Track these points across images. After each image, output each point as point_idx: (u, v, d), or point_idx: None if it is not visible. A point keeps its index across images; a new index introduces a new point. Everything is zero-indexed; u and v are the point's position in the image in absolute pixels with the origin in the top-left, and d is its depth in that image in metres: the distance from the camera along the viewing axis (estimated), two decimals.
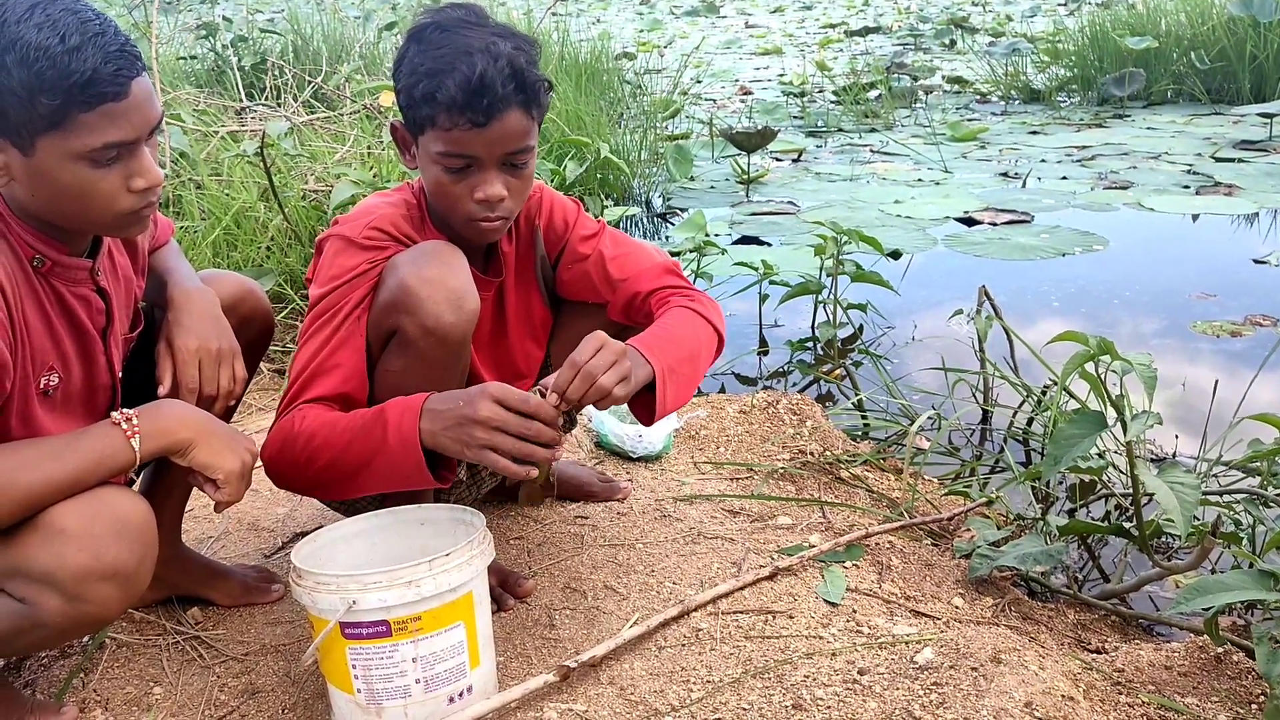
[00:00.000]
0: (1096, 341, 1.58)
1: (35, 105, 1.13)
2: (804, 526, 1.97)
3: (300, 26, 5.88)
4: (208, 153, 3.56)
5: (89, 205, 1.22)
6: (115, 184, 1.22)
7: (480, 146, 1.46)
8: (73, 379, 1.34)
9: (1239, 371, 2.82)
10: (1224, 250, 4.06)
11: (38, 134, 1.16)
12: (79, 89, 1.14)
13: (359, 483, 1.46)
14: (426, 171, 1.52)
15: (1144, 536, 1.69)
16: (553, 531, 1.95)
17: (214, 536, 1.99)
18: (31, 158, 1.17)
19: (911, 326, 3.32)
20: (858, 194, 5.06)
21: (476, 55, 1.41)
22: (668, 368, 1.49)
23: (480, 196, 1.48)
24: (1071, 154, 5.88)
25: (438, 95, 1.41)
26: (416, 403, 1.41)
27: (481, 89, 1.40)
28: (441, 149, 1.46)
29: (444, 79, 1.41)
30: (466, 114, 1.42)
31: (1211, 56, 7.22)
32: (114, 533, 1.20)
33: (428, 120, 1.45)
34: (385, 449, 1.41)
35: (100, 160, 1.19)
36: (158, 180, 1.25)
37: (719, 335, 1.66)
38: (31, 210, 1.24)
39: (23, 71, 1.12)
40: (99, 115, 1.16)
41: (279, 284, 3.04)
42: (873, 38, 13.33)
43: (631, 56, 9.11)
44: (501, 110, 1.43)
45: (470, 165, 1.47)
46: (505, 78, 1.42)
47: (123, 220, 1.26)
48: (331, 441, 1.43)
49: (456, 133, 1.44)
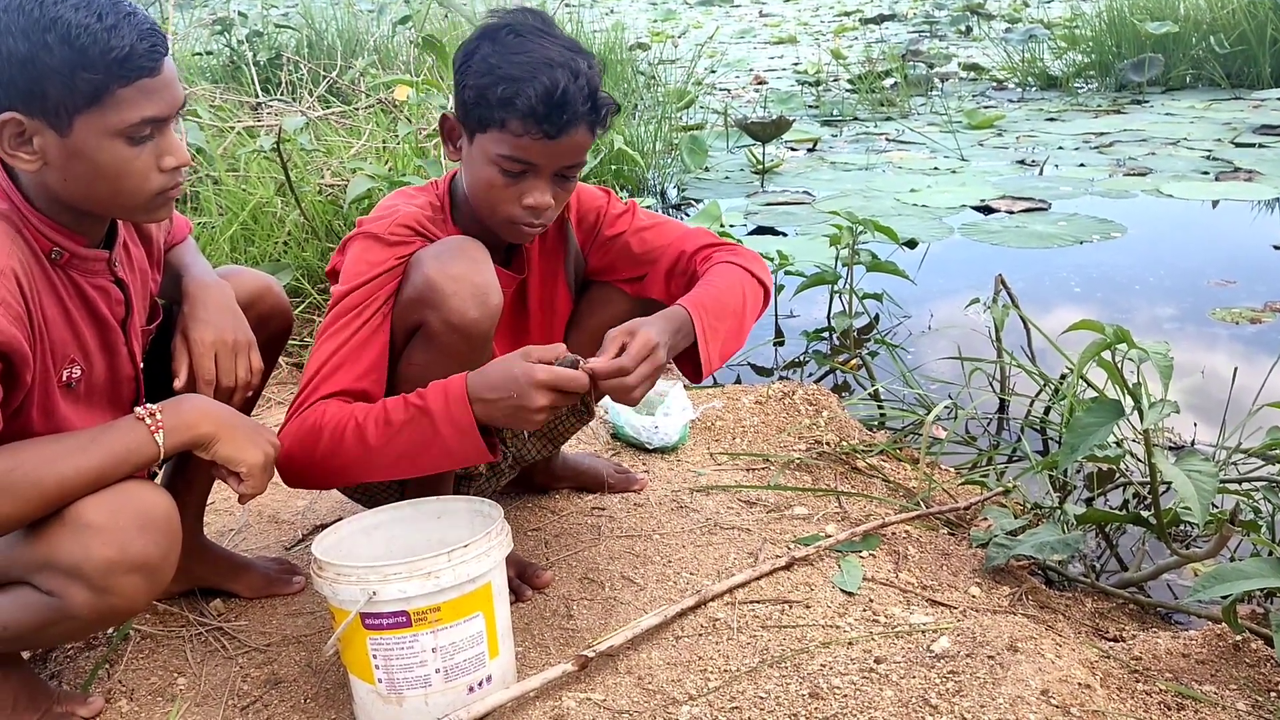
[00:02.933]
0: (1113, 330, 1.58)
1: (76, 82, 1.16)
2: (820, 517, 1.97)
3: (314, 21, 5.90)
4: (224, 148, 3.58)
5: (122, 185, 1.24)
6: (148, 163, 1.25)
7: (543, 156, 1.48)
8: (95, 371, 1.36)
9: (1258, 359, 2.80)
10: (1244, 236, 4.03)
11: (77, 112, 1.18)
12: (118, 64, 1.17)
13: (403, 473, 1.48)
14: (477, 168, 1.53)
15: (1162, 525, 1.69)
16: (570, 523, 1.96)
17: (235, 529, 2.01)
18: (68, 138, 1.19)
19: (928, 316, 3.31)
20: (873, 183, 5.05)
21: (558, 69, 1.44)
22: (710, 327, 1.53)
23: (530, 203, 1.51)
24: (1089, 141, 5.84)
25: (516, 101, 1.43)
26: (459, 390, 1.41)
27: (563, 103, 1.43)
28: (505, 152, 1.48)
29: (524, 86, 1.43)
30: (542, 125, 1.44)
31: (1231, 40, 7.15)
32: (139, 526, 1.22)
33: (495, 122, 1.47)
34: (438, 439, 1.41)
35: (135, 137, 1.22)
36: (186, 159, 1.29)
37: (765, 287, 1.69)
38: (61, 196, 1.25)
39: (65, 49, 1.15)
40: (136, 90, 1.20)
41: (296, 278, 3.05)
42: (888, 25, 13.25)
43: (645, 47, 9.09)
44: (574, 127, 1.46)
45: (526, 172, 1.50)
46: (584, 96, 1.46)
47: (152, 202, 1.28)
48: (365, 434, 1.43)
49: (526, 140, 1.46)
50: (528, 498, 2.06)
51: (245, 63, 4.93)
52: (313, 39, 5.75)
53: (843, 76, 8.24)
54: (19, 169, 1.21)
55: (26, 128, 1.18)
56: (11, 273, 1.20)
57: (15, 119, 1.18)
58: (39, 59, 1.15)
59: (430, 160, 3.22)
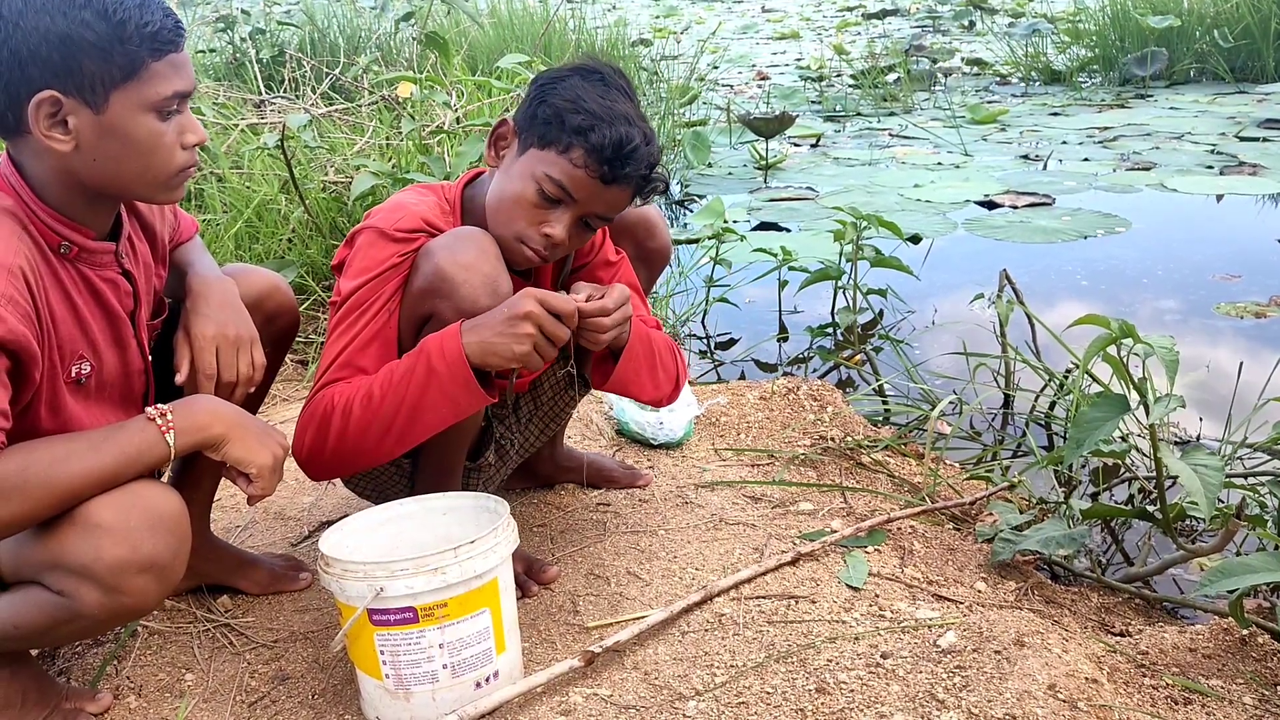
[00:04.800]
0: (1118, 324, 1.58)
1: (114, 56, 1.20)
2: (826, 512, 1.97)
3: (317, 19, 5.89)
4: (228, 145, 3.59)
5: (152, 161, 1.27)
6: (173, 139, 1.28)
7: (586, 195, 1.52)
8: (105, 366, 1.36)
9: (1263, 353, 2.80)
10: (1248, 231, 4.02)
11: (114, 86, 1.22)
12: (151, 38, 1.22)
13: (411, 430, 1.47)
14: (515, 180, 1.54)
15: (1168, 519, 1.68)
16: (576, 519, 1.96)
17: (241, 525, 2.01)
18: (104, 114, 1.22)
19: (932, 311, 3.31)
20: (877, 178, 5.04)
21: (635, 128, 1.52)
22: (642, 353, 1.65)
23: (547, 232, 1.54)
24: (1093, 135, 5.83)
25: (590, 135, 1.48)
26: (453, 329, 1.46)
27: (629, 157, 1.50)
28: (555, 175, 1.51)
29: (602, 126, 1.49)
30: (602, 166, 1.49)
31: (1235, 34, 7.13)
32: (149, 525, 1.22)
33: (560, 144, 1.50)
34: (434, 377, 1.44)
35: (165, 111, 1.26)
36: (205, 136, 1.33)
37: (677, 382, 1.76)
38: (86, 180, 1.27)
39: (102, 24, 1.19)
40: (166, 64, 1.24)
41: (301, 275, 3.06)
42: (891, 20, 13.23)
43: (648, 43, 9.08)
44: (626, 182, 1.53)
45: (562, 202, 1.53)
46: (647, 163, 1.54)
47: (174, 179, 1.31)
48: (372, 397, 1.46)
49: (580, 173, 1.50)
50: (533, 494, 2.06)
51: (248, 60, 4.92)
52: (315, 36, 5.75)
53: (846, 72, 8.23)
54: (53, 150, 1.23)
55: (64, 106, 1.21)
56: (19, 269, 1.20)
57: (53, 96, 1.20)
58: (76, 35, 1.18)
59: (433, 157, 3.22)
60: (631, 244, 1.83)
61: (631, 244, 1.83)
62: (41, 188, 1.27)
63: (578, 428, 2.36)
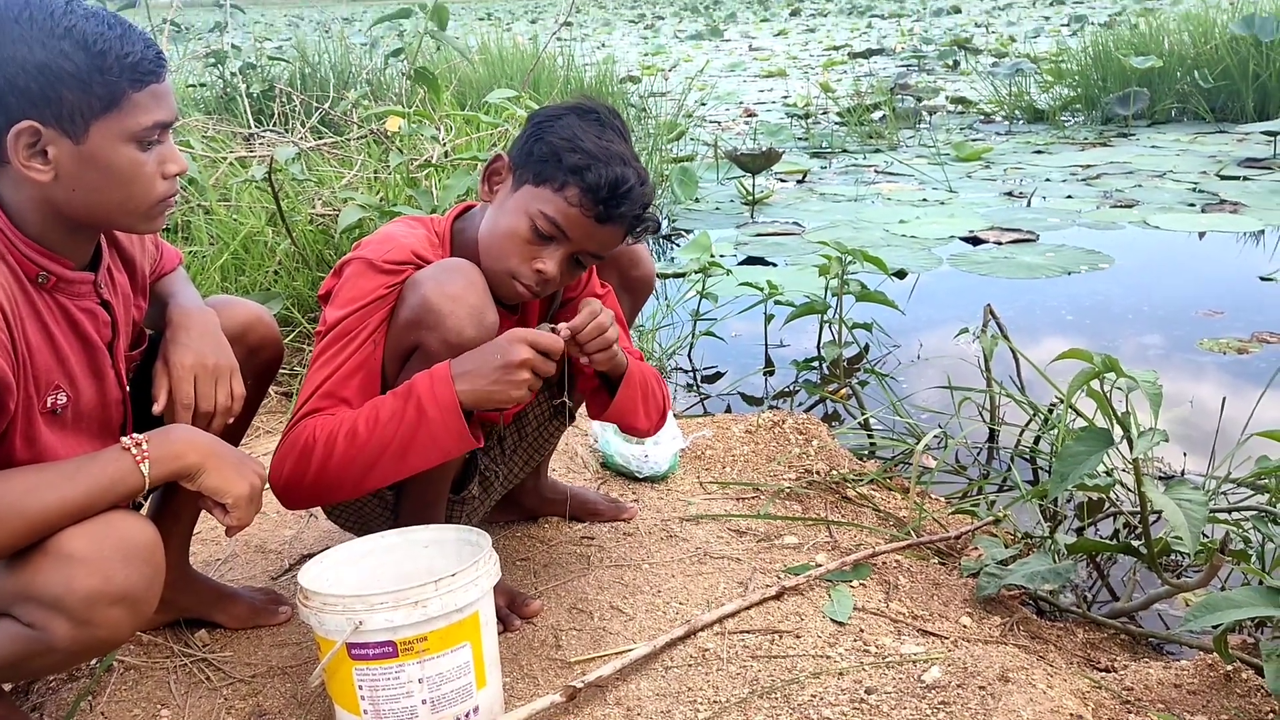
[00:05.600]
0: (1101, 359, 1.58)
1: (93, 86, 1.20)
2: (811, 546, 1.96)
3: (308, 54, 5.93)
4: (216, 178, 3.59)
5: (132, 190, 1.27)
6: (154, 169, 1.28)
7: (579, 233, 1.53)
8: (82, 396, 1.35)
9: (1246, 389, 2.81)
10: (1230, 267, 4.06)
11: (94, 116, 1.21)
12: (132, 69, 1.22)
13: (395, 469, 1.47)
14: (509, 215, 1.55)
15: (1152, 554, 1.68)
16: (559, 552, 1.95)
17: (221, 559, 1.99)
18: (83, 144, 1.22)
19: (917, 345, 3.32)
20: (863, 214, 5.08)
21: (630, 169, 1.53)
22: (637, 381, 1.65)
23: (539, 268, 1.54)
24: (1076, 173, 5.89)
25: (586, 174, 1.49)
26: (443, 372, 1.45)
27: (624, 197, 1.51)
28: (549, 212, 1.52)
29: (598, 166, 1.50)
30: (597, 206, 1.50)
31: (1215, 75, 7.24)
32: (122, 556, 1.20)
33: (556, 182, 1.51)
34: (425, 422, 1.44)
35: (146, 141, 1.26)
36: (185, 166, 1.32)
37: (664, 412, 1.77)
38: (65, 210, 1.26)
39: (82, 55, 1.18)
40: (148, 95, 1.24)
41: (286, 307, 3.05)
42: (876, 59, 13.39)
43: (636, 80, 9.16)
44: (619, 221, 1.54)
45: (555, 239, 1.53)
46: (641, 204, 1.55)
47: (154, 209, 1.30)
48: (357, 434, 1.45)
49: (575, 211, 1.51)
50: (516, 526, 2.05)
51: (239, 94, 4.94)
52: (306, 71, 5.78)
53: (832, 109, 8.32)
54: (32, 180, 1.22)
55: (43, 137, 1.20)
56: None
57: (32, 127, 1.19)
58: (56, 65, 1.18)
59: (421, 190, 3.23)
60: (615, 273, 1.83)
61: (615, 273, 1.83)
62: (20, 217, 1.26)
63: (562, 460, 2.35)
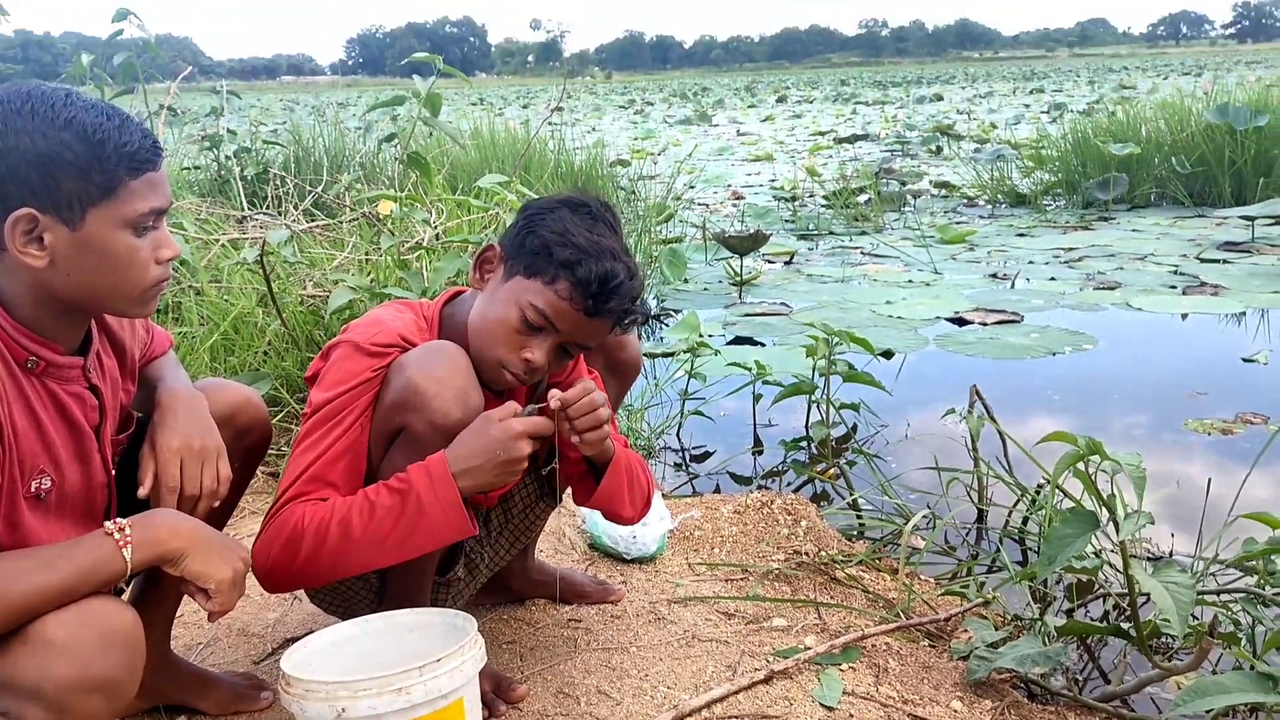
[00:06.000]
0: (1085, 441, 1.59)
1: (91, 175, 1.22)
2: (800, 628, 1.95)
3: (302, 138, 6.03)
4: (208, 260, 3.62)
5: (126, 276, 1.28)
6: (148, 254, 1.30)
7: (568, 325, 1.56)
8: (67, 480, 1.35)
9: (1231, 469, 2.82)
10: (1213, 349, 4.11)
11: (91, 204, 1.23)
12: (129, 158, 1.24)
13: (388, 560, 1.49)
14: (499, 305, 1.57)
15: (1142, 637, 1.67)
16: (545, 635, 1.93)
17: (203, 643, 1.96)
18: (79, 231, 1.24)
19: (905, 425, 3.33)
20: (849, 295, 5.13)
21: (620, 264, 1.55)
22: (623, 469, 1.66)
23: (528, 357, 1.56)
24: (1059, 255, 5.98)
25: (576, 269, 1.52)
26: (440, 469, 1.47)
27: (613, 292, 1.54)
28: (539, 304, 1.54)
29: (589, 261, 1.52)
30: (586, 300, 1.53)
31: (1192, 161, 7.42)
32: (102, 644, 1.19)
33: (545, 275, 1.54)
34: (424, 519, 1.46)
35: (141, 227, 1.28)
36: (179, 251, 1.34)
37: (648, 499, 1.77)
38: (60, 294, 1.27)
39: (81, 145, 1.21)
40: (143, 183, 1.26)
41: (275, 388, 3.05)
42: (861, 144, 13.68)
43: (626, 163, 9.33)
44: (608, 315, 1.57)
45: (544, 330, 1.56)
46: (630, 298, 1.58)
47: (147, 293, 1.32)
48: (350, 528, 1.45)
49: (564, 304, 1.54)
50: (503, 609, 2.03)
51: (233, 177, 5.01)
52: (300, 155, 5.87)
53: (818, 193, 8.46)
54: (27, 265, 1.24)
55: (40, 223, 1.22)
56: None
57: (30, 214, 1.21)
58: (56, 155, 1.20)
59: (411, 273, 3.27)
60: (602, 356, 1.84)
61: (602, 356, 1.84)
62: (12, 302, 1.27)
63: (550, 541, 2.34)
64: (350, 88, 22.26)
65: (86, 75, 4.01)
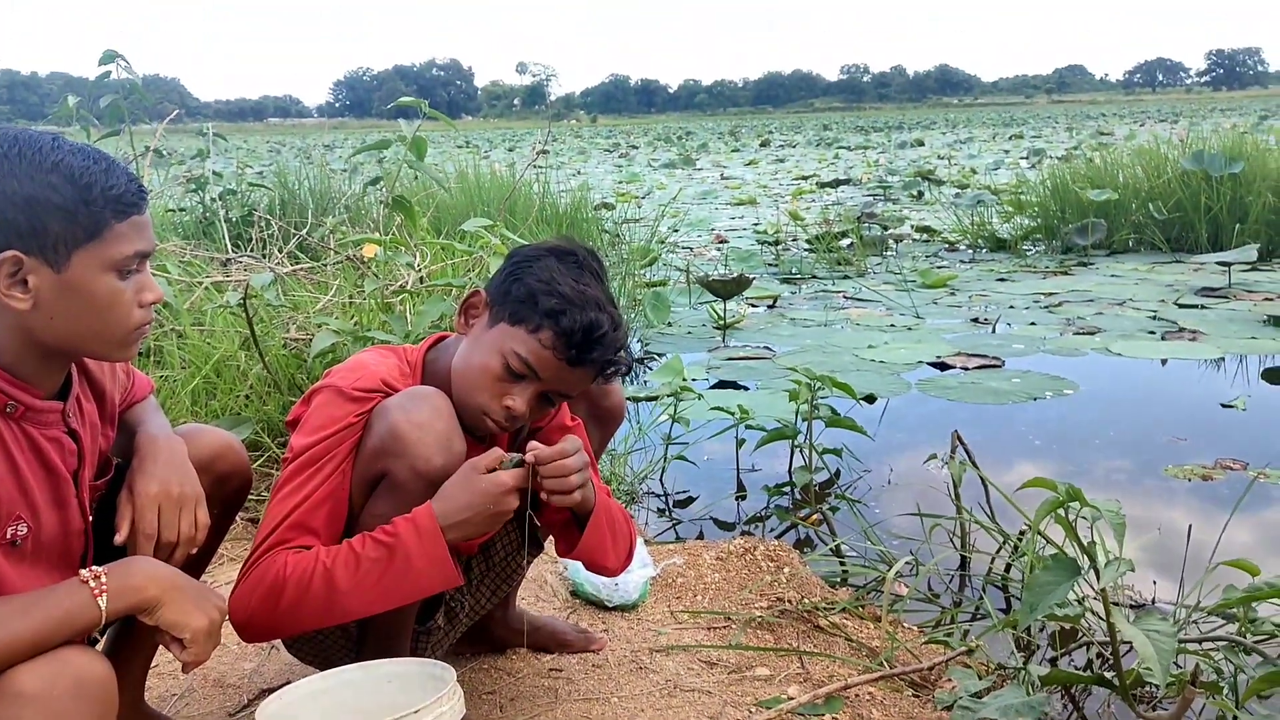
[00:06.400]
0: (1065, 488, 1.60)
1: (77, 218, 1.23)
2: (783, 677, 1.93)
3: (288, 180, 6.05)
4: (192, 302, 3.61)
5: (109, 319, 1.28)
6: (131, 297, 1.30)
7: (550, 374, 1.56)
8: (44, 527, 1.33)
9: (1213, 514, 2.83)
10: (1192, 394, 4.14)
11: (76, 246, 1.23)
12: (115, 201, 1.25)
13: (372, 611, 1.48)
14: (482, 352, 1.58)
15: (1124, 686, 1.67)
16: (526, 686, 1.91)
17: (178, 693, 1.93)
18: (64, 273, 1.24)
19: (887, 470, 3.34)
20: (832, 339, 5.16)
21: (604, 314, 1.56)
22: (605, 520, 1.64)
23: (509, 404, 1.57)
24: (1039, 300, 6.04)
25: (561, 319, 1.53)
26: (428, 523, 1.46)
27: (597, 343, 1.55)
28: (522, 352, 1.55)
29: (574, 311, 1.53)
30: (569, 350, 1.54)
31: (1169, 207, 7.52)
32: (74, 694, 1.17)
33: (530, 324, 1.55)
34: (412, 572, 1.46)
35: (125, 270, 1.28)
36: (161, 295, 1.34)
37: (630, 550, 1.75)
38: (42, 337, 1.27)
39: (69, 188, 1.22)
40: (129, 226, 1.27)
41: (256, 432, 3.03)
42: (843, 189, 13.82)
43: (610, 206, 9.38)
44: (591, 365, 1.58)
45: (526, 378, 1.56)
46: (614, 349, 1.59)
47: (129, 336, 1.32)
48: (334, 579, 1.44)
49: (547, 354, 1.54)
50: (483, 659, 2.01)
51: (218, 219, 5.02)
52: (285, 197, 5.89)
53: (801, 236, 8.53)
54: (10, 308, 1.24)
55: (24, 266, 1.22)
56: None
57: (15, 256, 1.21)
58: (43, 198, 1.21)
59: (395, 316, 3.27)
60: (585, 403, 1.84)
61: (585, 403, 1.84)
62: None
63: (531, 589, 2.32)
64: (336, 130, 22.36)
65: (73, 116, 4.02)
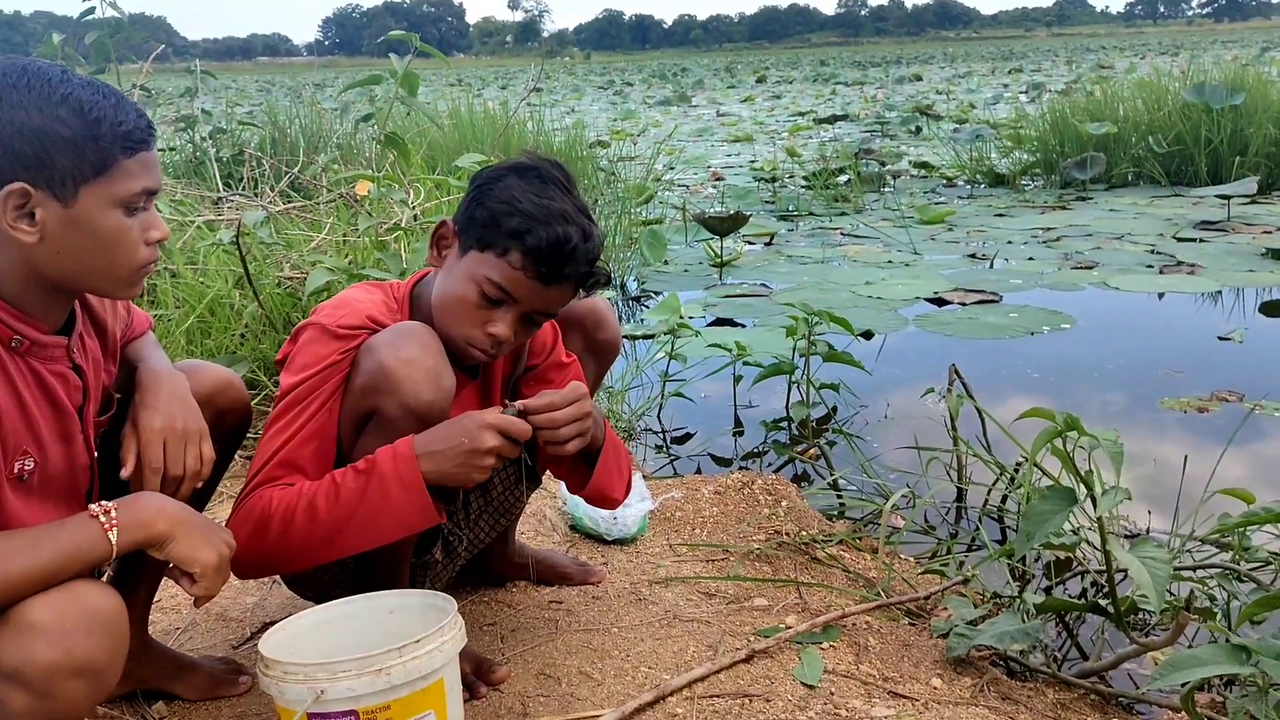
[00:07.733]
0: (1063, 418, 1.60)
1: (86, 152, 1.21)
2: (780, 608, 1.95)
3: (278, 119, 5.96)
4: (184, 242, 3.58)
5: (116, 255, 1.27)
6: (137, 235, 1.28)
7: (527, 296, 1.53)
8: (50, 461, 1.33)
9: (1207, 446, 2.85)
10: (1189, 328, 4.14)
11: (84, 181, 1.22)
12: (124, 136, 1.23)
13: (355, 545, 1.47)
14: (457, 282, 1.55)
15: (1119, 613, 1.69)
16: (526, 617, 1.92)
17: (181, 627, 1.95)
18: (72, 208, 1.22)
19: (884, 405, 3.34)
20: (829, 276, 5.14)
21: (572, 226, 1.51)
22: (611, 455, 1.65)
23: (493, 332, 1.54)
24: (1037, 235, 6.00)
25: (527, 238, 1.48)
26: (407, 450, 1.44)
27: (568, 256, 1.50)
28: (494, 278, 1.51)
29: (539, 228, 1.48)
30: (540, 268, 1.49)
31: (1168, 141, 7.45)
32: (85, 627, 1.18)
33: (497, 247, 1.51)
34: (388, 501, 1.43)
35: (132, 207, 1.27)
36: (167, 233, 1.33)
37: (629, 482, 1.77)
38: (47, 272, 1.26)
39: (78, 121, 1.20)
40: (137, 162, 1.25)
41: (252, 371, 3.03)
42: (841, 125, 13.67)
43: (605, 145, 9.29)
44: (566, 280, 1.53)
45: (504, 303, 1.53)
46: (587, 259, 1.53)
47: (135, 274, 1.31)
48: (316, 510, 1.44)
49: (519, 275, 1.50)
50: (484, 591, 2.02)
51: (208, 159, 4.95)
52: (276, 136, 5.80)
53: (798, 173, 8.45)
54: (17, 241, 1.22)
55: (32, 198, 1.21)
56: None
57: (22, 188, 1.20)
58: (51, 130, 1.19)
59: (390, 254, 3.24)
60: (580, 336, 1.83)
61: (580, 336, 1.83)
62: (5, 280, 1.26)
63: (530, 523, 2.33)
64: (326, 68, 22.14)
65: (58, 54, 3.94)
